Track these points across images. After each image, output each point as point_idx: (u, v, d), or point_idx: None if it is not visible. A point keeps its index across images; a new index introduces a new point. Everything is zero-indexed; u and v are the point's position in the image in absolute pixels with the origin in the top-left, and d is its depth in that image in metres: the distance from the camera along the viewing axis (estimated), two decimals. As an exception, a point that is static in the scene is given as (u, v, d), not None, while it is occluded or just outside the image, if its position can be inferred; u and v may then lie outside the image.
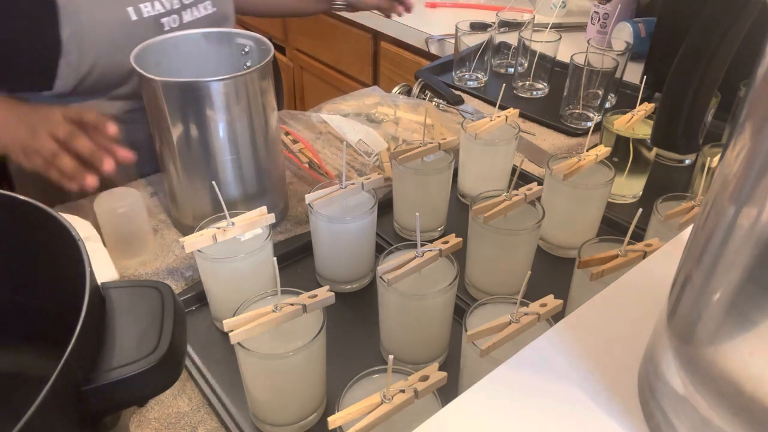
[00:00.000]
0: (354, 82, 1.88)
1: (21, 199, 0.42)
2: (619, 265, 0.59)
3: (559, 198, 0.75)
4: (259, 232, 0.66)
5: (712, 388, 0.30)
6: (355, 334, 0.68)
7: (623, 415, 0.36)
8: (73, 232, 0.39)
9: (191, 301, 0.71)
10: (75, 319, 0.34)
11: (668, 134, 0.56)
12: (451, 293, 0.59)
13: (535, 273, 0.57)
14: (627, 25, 1.25)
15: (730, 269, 0.29)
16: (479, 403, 0.37)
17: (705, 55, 0.50)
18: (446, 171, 0.77)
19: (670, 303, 0.34)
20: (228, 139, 0.73)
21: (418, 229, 0.59)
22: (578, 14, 1.57)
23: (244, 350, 0.51)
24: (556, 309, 0.53)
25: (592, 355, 0.40)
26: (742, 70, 0.46)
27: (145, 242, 0.78)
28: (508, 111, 0.84)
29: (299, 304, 0.53)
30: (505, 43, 1.28)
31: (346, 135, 0.97)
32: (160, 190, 0.89)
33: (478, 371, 0.49)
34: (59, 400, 0.32)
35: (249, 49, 0.81)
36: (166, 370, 0.37)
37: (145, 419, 0.59)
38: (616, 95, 1.12)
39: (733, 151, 0.29)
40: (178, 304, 0.41)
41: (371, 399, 0.46)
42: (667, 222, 0.66)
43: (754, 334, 0.28)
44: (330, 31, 1.88)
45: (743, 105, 0.28)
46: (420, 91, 1.18)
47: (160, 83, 0.69)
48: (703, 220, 0.32)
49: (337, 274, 0.73)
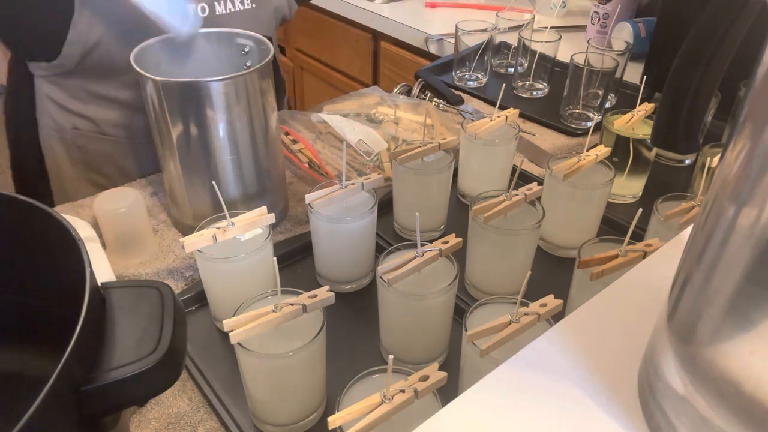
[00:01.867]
0: (354, 82, 1.88)
1: (21, 199, 0.42)
2: (619, 265, 0.59)
3: (559, 198, 0.75)
4: (259, 232, 0.66)
5: (712, 388, 0.30)
6: (355, 334, 0.68)
7: (623, 415, 0.36)
8: (73, 232, 0.39)
9: (191, 301, 0.71)
10: (75, 319, 0.34)
11: (668, 134, 0.56)
12: (451, 293, 0.59)
13: (535, 273, 0.57)
14: (627, 25, 1.25)
15: (730, 269, 0.29)
16: (479, 403, 0.37)
17: (705, 55, 0.50)
18: (446, 171, 0.77)
19: (670, 303, 0.34)
20: (228, 139, 0.73)
21: (418, 229, 0.59)
22: (578, 14, 1.57)
23: (244, 350, 0.51)
24: (556, 309, 0.53)
25: (592, 355, 0.40)
26: (742, 70, 0.46)
27: (145, 242, 0.78)
28: (508, 111, 0.84)
29: (299, 304, 0.53)
30: (505, 43, 1.28)
31: (346, 135, 0.97)
32: (160, 190, 0.89)
33: (478, 371, 0.50)
34: (59, 400, 0.32)
35: (249, 49, 0.81)
36: (166, 370, 0.37)
37: (145, 419, 0.59)
38: (616, 95, 1.12)
39: (733, 151, 0.29)
40: (178, 304, 0.41)
41: (371, 399, 0.46)
42: (667, 222, 0.66)
43: (754, 334, 0.28)
44: (330, 31, 1.88)
45: (743, 105, 0.28)
46: (420, 91, 1.18)
47: (160, 83, 0.69)
48: (703, 220, 0.32)
49: (337, 274, 0.73)
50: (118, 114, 0.93)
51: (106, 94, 0.91)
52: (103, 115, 0.93)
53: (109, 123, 0.94)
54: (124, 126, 0.95)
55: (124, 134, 0.95)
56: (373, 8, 1.66)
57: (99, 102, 0.92)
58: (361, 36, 1.75)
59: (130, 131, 0.95)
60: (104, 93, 0.91)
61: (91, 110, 0.92)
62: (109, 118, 0.93)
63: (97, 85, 0.90)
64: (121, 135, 0.95)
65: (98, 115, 0.93)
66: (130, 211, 0.74)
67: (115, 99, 0.92)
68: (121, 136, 0.95)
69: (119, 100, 0.92)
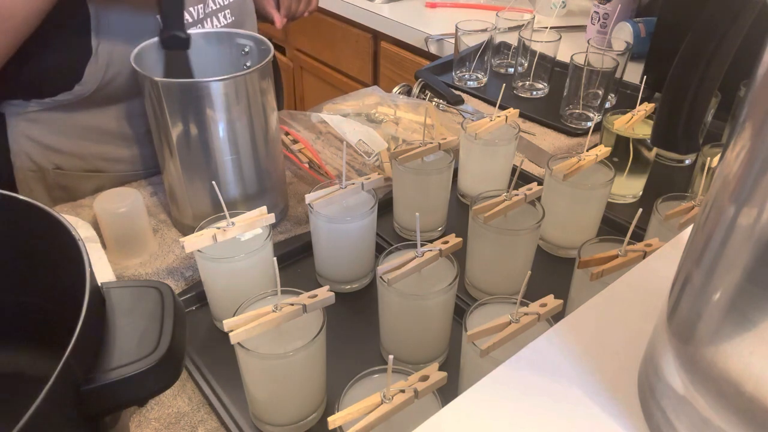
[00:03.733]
0: (354, 82, 1.88)
1: (21, 199, 0.42)
2: (619, 265, 0.59)
3: (559, 198, 0.75)
4: (259, 232, 0.66)
5: (712, 388, 0.30)
6: (355, 334, 0.68)
7: (623, 415, 0.36)
8: (73, 232, 0.39)
9: (191, 301, 0.71)
10: (75, 319, 0.34)
11: (668, 134, 0.56)
12: (451, 293, 0.59)
13: (535, 273, 0.57)
14: (627, 25, 1.25)
15: (730, 269, 0.29)
16: (479, 403, 0.37)
17: (705, 55, 0.50)
18: (446, 171, 0.77)
19: (670, 303, 0.34)
20: (228, 139, 0.73)
21: (418, 229, 0.59)
22: (578, 14, 1.57)
23: (244, 350, 0.51)
24: (556, 309, 0.53)
25: (592, 355, 0.40)
26: (742, 70, 0.46)
27: (145, 242, 0.78)
28: (508, 111, 0.84)
29: (299, 304, 0.53)
30: (505, 43, 1.28)
31: (346, 135, 0.97)
32: (160, 190, 0.89)
33: (478, 371, 0.49)
34: (59, 400, 0.32)
35: (249, 49, 0.81)
36: (166, 370, 0.37)
37: (145, 419, 0.59)
38: (616, 95, 1.12)
39: (733, 151, 0.29)
40: (178, 304, 0.41)
41: (371, 399, 0.46)
42: (667, 222, 0.66)
43: (754, 334, 0.28)
44: (330, 31, 1.88)
45: (743, 105, 0.28)
46: (420, 91, 1.18)
47: (160, 83, 0.69)
48: (703, 220, 0.32)
49: (337, 274, 0.73)
50: (112, 147, 0.90)
51: (103, 128, 0.88)
52: (94, 150, 0.89)
53: (101, 158, 0.91)
54: (119, 159, 0.92)
55: (117, 168, 0.92)
56: (373, 8, 1.66)
57: (92, 137, 0.88)
58: (361, 36, 1.75)
59: (126, 164, 0.93)
60: (101, 127, 0.88)
61: (81, 146, 0.89)
62: (101, 153, 0.90)
63: (95, 118, 0.87)
64: (113, 169, 0.92)
65: (90, 150, 0.89)
66: (130, 211, 0.74)
67: (112, 132, 0.89)
68: (113, 170, 0.92)
69: (116, 132, 0.90)
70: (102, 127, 0.88)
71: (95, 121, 0.87)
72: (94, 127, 0.88)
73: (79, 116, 0.86)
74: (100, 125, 0.88)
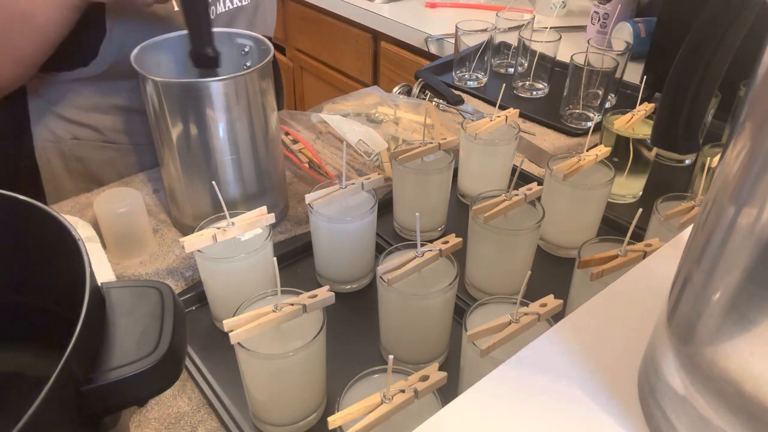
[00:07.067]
0: (354, 82, 1.88)
1: (21, 199, 0.42)
2: (619, 265, 0.59)
3: (559, 198, 0.75)
4: (259, 232, 0.66)
5: (712, 388, 0.30)
6: (355, 334, 0.68)
7: (623, 415, 0.36)
8: (73, 232, 0.39)
9: (191, 301, 0.71)
10: (75, 319, 0.34)
11: (668, 134, 0.56)
12: (451, 293, 0.59)
13: (535, 273, 0.57)
14: (627, 25, 1.25)
15: (730, 269, 0.29)
16: (479, 403, 0.37)
17: (705, 55, 0.50)
18: (446, 171, 0.77)
19: (670, 303, 0.34)
20: (228, 139, 0.73)
21: (418, 229, 0.59)
22: (578, 14, 1.57)
23: (244, 350, 0.51)
24: (556, 309, 0.53)
25: (592, 355, 0.40)
26: (742, 70, 0.46)
27: (145, 242, 0.78)
28: (508, 111, 0.84)
29: (299, 304, 0.53)
30: (505, 43, 1.28)
31: (346, 135, 0.97)
32: (161, 188, 0.89)
33: (478, 371, 0.49)
34: (59, 400, 0.32)
35: (249, 49, 0.81)
36: (166, 370, 0.37)
37: (145, 419, 0.59)
38: (616, 95, 1.12)
39: (733, 151, 0.29)
40: (178, 304, 0.41)
41: (371, 399, 0.46)
42: (667, 222, 0.66)
43: (754, 334, 0.28)
44: (330, 31, 1.88)
45: (743, 105, 0.28)
46: (420, 91, 1.18)
47: (160, 83, 0.69)
48: (703, 220, 0.32)
49: (337, 274, 0.73)
50: (125, 119, 0.93)
51: (116, 102, 0.91)
52: (109, 122, 0.93)
53: (114, 130, 0.94)
54: (131, 131, 0.95)
55: (129, 140, 0.95)
56: (373, 8, 1.66)
57: (106, 110, 0.92)
58: (361, 36, 1.75)
59: (137, 136, 0.95)
60: (115, 101, 0.91)
61: (96, 119, 0.92)
62: (115, 125, 0.93)
63: (109, 93, 0.90)
64: (126, 141, 0.95)
65: (105, 123, 0.93)
66: (129, 211, 0.74)
67: (124, 106, 0.92)
68: (126, 141, 0.95)
69: (128, 106, 0.92)
70: (115, 100, 0.92)
71: (109, 94, 0.91)
72: (108, 100, 0.91)
73: (94, 89, 0.90)
74: (113, 99, 0.91)
